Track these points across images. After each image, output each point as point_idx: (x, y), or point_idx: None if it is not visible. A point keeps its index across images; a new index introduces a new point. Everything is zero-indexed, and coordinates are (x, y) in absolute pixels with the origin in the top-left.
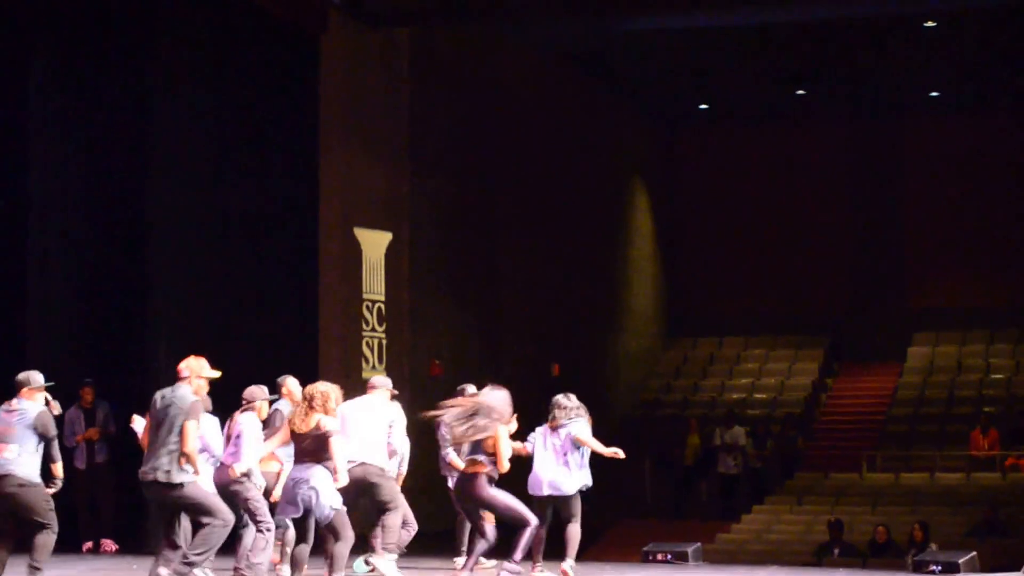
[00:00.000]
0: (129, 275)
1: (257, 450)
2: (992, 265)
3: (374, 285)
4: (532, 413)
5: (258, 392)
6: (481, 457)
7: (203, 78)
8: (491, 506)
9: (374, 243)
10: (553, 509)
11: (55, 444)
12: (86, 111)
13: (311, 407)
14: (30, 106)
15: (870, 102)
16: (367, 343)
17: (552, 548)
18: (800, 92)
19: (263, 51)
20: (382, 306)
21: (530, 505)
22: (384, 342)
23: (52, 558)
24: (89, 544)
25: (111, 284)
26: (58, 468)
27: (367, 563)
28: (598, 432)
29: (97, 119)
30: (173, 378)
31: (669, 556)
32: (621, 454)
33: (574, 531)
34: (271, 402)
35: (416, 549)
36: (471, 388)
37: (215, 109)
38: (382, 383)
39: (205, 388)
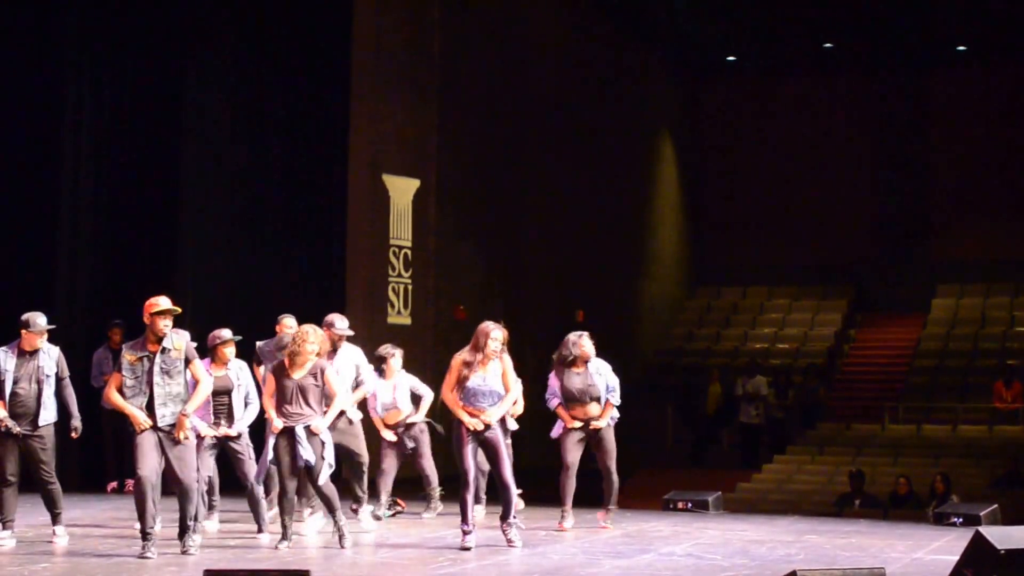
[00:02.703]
0: (159, 218)
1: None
2: (1018, 217)
3: (401, 231)
4: None
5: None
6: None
7: (235, 25)
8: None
9: (402, 189)
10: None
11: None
12: (120, 60)
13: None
14: (64, 57)
15: (896, 56)
16: (393, 288)
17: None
18: (827, 45)
19: None
20: (408, 252)
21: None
22: (410, 287)
23: (77, 498)
24: (114, 484)
25: (142, 229)
26: None
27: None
28: (621, 379)
29: (130, 68)
30: (202, 322)
31: (690, 504)
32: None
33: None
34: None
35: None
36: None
37: (247, 56)
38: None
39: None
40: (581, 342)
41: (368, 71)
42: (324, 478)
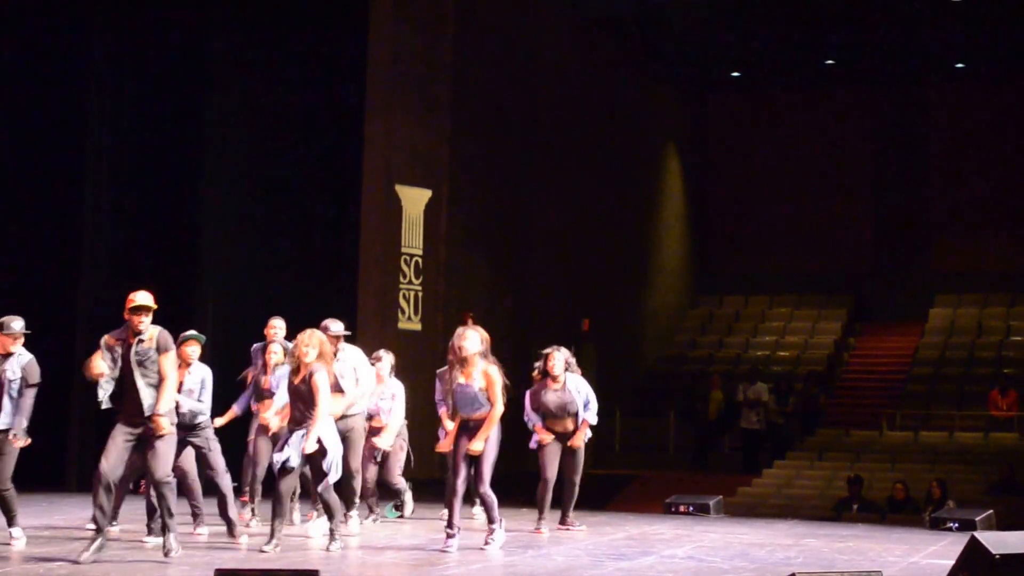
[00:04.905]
0: (179, 227)
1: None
2: (1014, 229)
3: (412, 240)
4: None
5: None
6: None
7: (255, 39)
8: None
9: (414, 200)
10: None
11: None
12: (141, 74)
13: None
14: (91, 61)
15: (896, 73)
16: (404, 295)
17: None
18: (829, 62)
19: (313, 12)
20: (419, 260)
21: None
22: (420, 295)
23: (87, 498)
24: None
25: (161, 237)
26: None
27: (395, 508)
28: (626, 386)
29: (151, 81)
30: (220, 328)
31: (691, 508)
32: None
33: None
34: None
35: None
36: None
37: (266, 70)
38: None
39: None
40: (552, 355)
41: (383, 86)
42: (324, 485)
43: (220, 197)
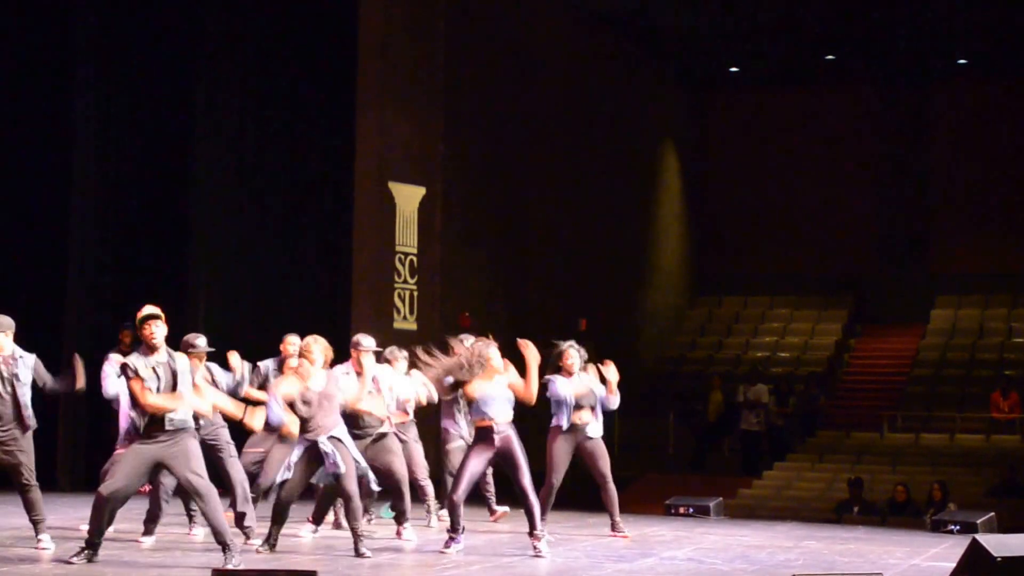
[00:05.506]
0: (170, 225)
1: None
2: (1016, 230)
3: (407, 238)
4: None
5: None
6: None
7: (244, 37)
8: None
9: (408, 197)
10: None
11: None
12: (129, 72)
13: None
14: (75, 63)
15: (898, 69)
16: (399, 294)
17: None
18: (829, 58)
19: (303, 9)
20: (414, 259)
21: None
22: (415, 294)
23: (83, 496)
24: None
25: (151, 235)
26: None
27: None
28: (624, 387)
29: (139, 79)
30: (213, 329)
31: (691, 510)
32: None
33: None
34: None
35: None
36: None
37: (256, 67)
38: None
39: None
40: (567, 352)
41: (374, 81)
42: (353, 481)
43: (211, 196)
